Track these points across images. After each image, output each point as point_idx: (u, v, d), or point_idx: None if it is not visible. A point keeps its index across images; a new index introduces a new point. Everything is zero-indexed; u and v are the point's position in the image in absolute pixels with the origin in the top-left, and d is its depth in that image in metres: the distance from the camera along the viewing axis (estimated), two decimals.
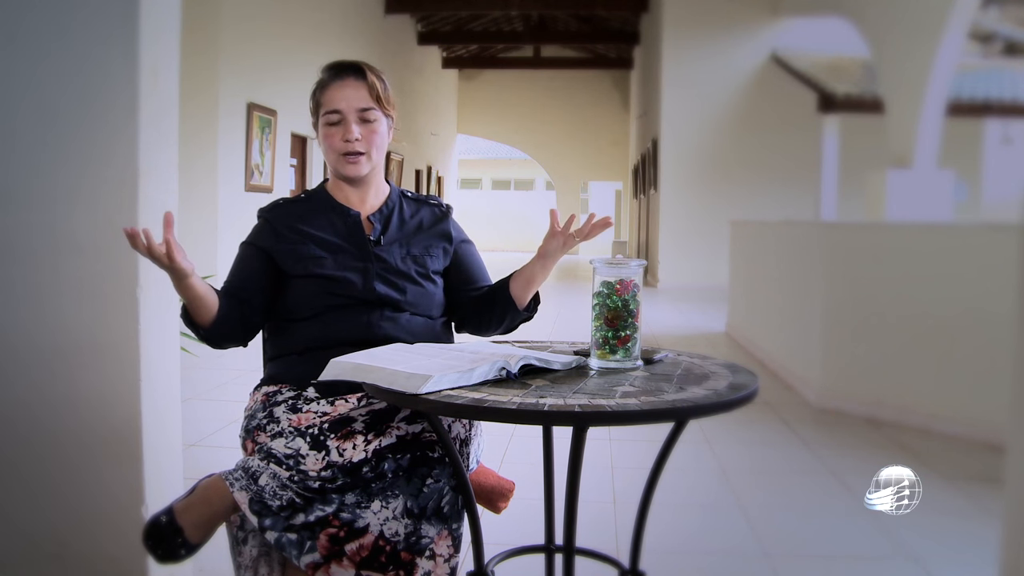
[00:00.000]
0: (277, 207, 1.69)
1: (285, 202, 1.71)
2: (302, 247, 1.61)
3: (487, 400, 1.19)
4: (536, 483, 1.76)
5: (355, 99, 1.63)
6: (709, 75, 11.94)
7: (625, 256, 1.44)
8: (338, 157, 1.64)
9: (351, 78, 1.64)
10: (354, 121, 1.63)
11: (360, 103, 1.63)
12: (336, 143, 1.63)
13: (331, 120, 1.63)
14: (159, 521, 1.35)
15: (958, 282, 3.70)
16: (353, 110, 1.63)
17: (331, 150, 1.64)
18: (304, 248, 1.61)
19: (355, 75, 1.65)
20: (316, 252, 1.61)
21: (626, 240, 19.29)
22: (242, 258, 1.65)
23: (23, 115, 1.78)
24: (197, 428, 3.45)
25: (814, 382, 4.31)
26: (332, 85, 1.65)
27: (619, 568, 1.62)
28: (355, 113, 1.63)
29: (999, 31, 11.28)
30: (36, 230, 1.79)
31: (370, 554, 1.32)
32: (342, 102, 1.63)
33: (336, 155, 1.64)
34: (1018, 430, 1.03)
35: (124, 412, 1.79)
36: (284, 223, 1.65)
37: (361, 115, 1.63)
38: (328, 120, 1.64)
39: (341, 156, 1.64)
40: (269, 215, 1.68)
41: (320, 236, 1.63)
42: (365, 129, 1.64)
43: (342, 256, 1.61)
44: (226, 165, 8.32)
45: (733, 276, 7.03)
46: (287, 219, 1.65)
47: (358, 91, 1.63)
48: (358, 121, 1.63)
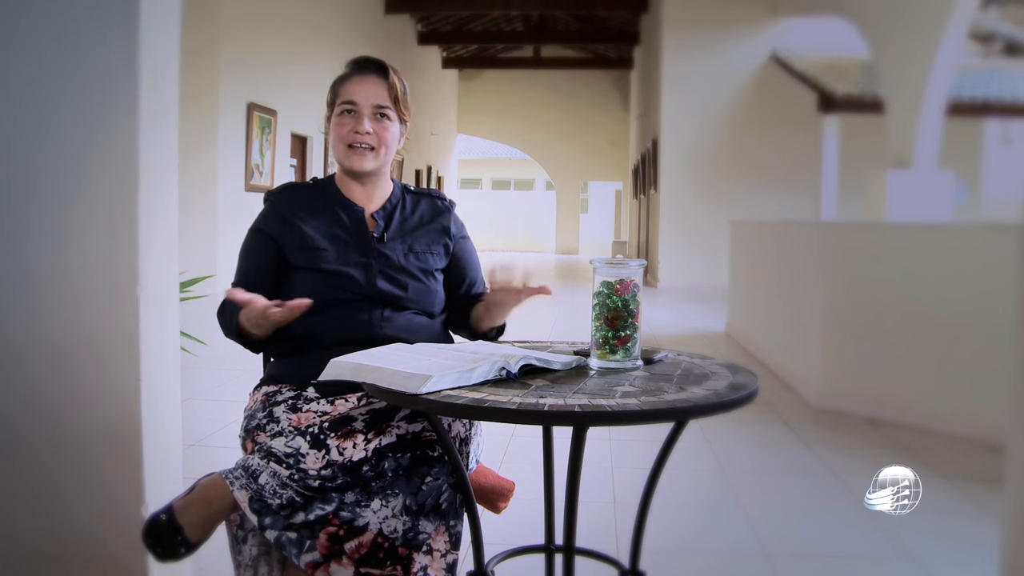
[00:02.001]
0: (285, 191, 1.69)
1: (293, 186, 1.71)
2: (306, 237, 1.61)
3: (487, 400, 1.19)
4: (536, 483, 1.76)
5: (373, 95, 1.63)
6: (709, 75, 11.94)
7: (625, 256, 1.44)
8: (345, 148, 1.64)
9: (373, 75, 1.64)
10: (368, 116, 1.62)
11: (377, 100, 1.63)
12: (344, 133, 1.63)
13: (345, 109, 1.63)
14: (159, 520, 1.35)
15: (958, 282, 3.70)
16: (369, 105, 1.62)
17: (339, 140, 1.64)
18: (308, 239, 1.61)
19: (377, 72, 1.65)
20: (319, 243, 1.61)
21: (626, 240, 19.29)
22: (252, 247, 1.65)
23: (23, 115, 1.78)
24: (197, 428, 3.45)
25: (814, 382, 4.31)
26: (353, 79, 1.64)
27: (619, 568, 1.62)
28: (370, 108, 1.63)
29: (999, 31, 11.28)
30: (36, 230, 1.78)
31: (368, 551, 1.32)
32: (359, 95, 1.62)
33: (343, 145, 1.64)
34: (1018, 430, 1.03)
35: (124, 412, 1.79)
36: (290, 209, 1.64)
37: (376, 111, 1.63)
38: (342, 110, 1.63)
39: (347, 147, 1.63)
40: (276, 199, 1.68)
41: (324, 228, 1.63)
42: (378, 126, 1.64)
43: (344, 250, 1.61)
44: (226, 165, 8.32)
45: (733, 276, 7.03)
46: (293, 205, 1.65)
47: (377, 88, 1.63)
48: (372, 117, 1.63)
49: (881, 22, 7.49)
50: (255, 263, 1.63)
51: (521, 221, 25.15)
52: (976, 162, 11.56)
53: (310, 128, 10.16)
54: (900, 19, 7.04)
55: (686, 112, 11.97)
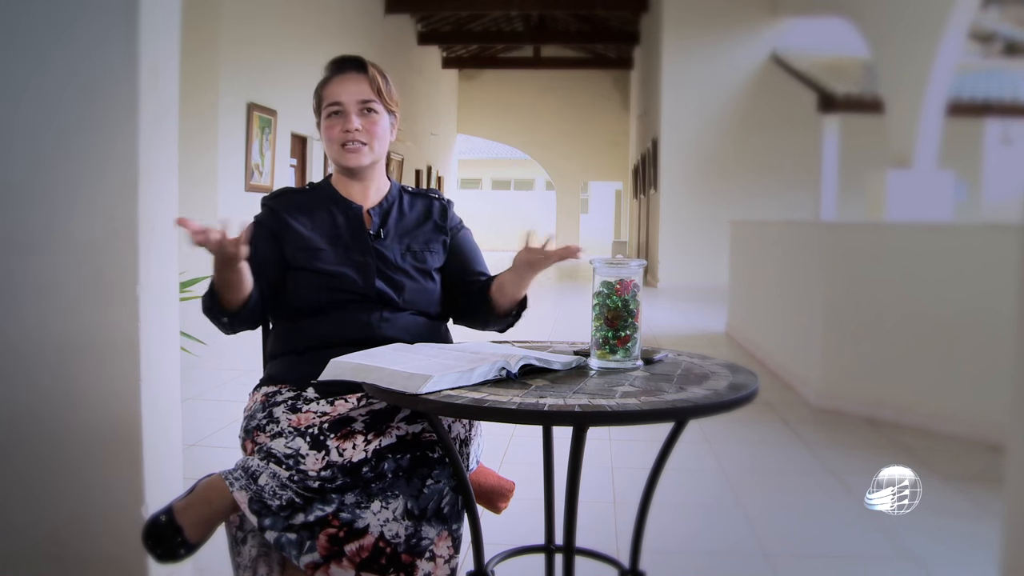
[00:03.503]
0: (282, 195, 1.69)
1: (289, 191, 1.71)
2: (304, 237, 1.61)
3: (487, 400, 1.19)
4: (536, 483, 1.76)
5: (356, 92, 1.63)
6: (709, 75, 11.94)
7: (625, 256, 1.44)
8: (338, 148, 1.64)
9: (352, 71, 1.65)
10: (355, 113, 1.63)
11: (361, 95, 1.63)
12: (336, 134, 1.63)
13: (332, 111, 1.64)
14: (159, 520, 1.35)
15: (958, 282, 3.70)
16: (354, 102, 1.63)
17: (331, 141, 1.64)
18: (305, 239, 1.61)
19: (356, 68, 1.65)
20: (317, 243, 1.61)
21: (626, 240, 19.29)
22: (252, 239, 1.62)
23: (23, 114, 1.78)
24: (197, 428, 3.44)
25: (814, 382, 4.31)
26: (333, 80, 1.65)
27: (619, 568, 1.61)
28: (356, 105, 1.63)
29: (999, 31, 11.28)
30: (36, 229, 1.78)
31: (370, 556, 1.32)
32: (343, 95, 1.63)
33: (336, 146, 1.64)
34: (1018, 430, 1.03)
35: (124, 412, 1.79)
36: (287, 210, 1.64)
37: (362, 107, 1.63)
38: (329, 112, 1.64)
39: (340, 147, 1.64)
40: (273, 203, 1.67)
41: (321, 228, 1.63)
42: (366, 121, 1.64)
43: (341, 249, 1.61)
44: (226, 165, 8.32)
45: (733, 276, 7.03)
46: (290, 206, 1.65)
47: (359, 84, 1.64)
48: (359, 113, 1.63)
49: (881, 22, 7.48)
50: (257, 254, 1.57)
51: (521, 221, 25.13)
52: (976, 162, 11.55)
53: (310, 128, 10.15)
54: (900, 19, 7.03)
55: (686, 112, 11.97)
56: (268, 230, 1.62)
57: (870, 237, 4.36)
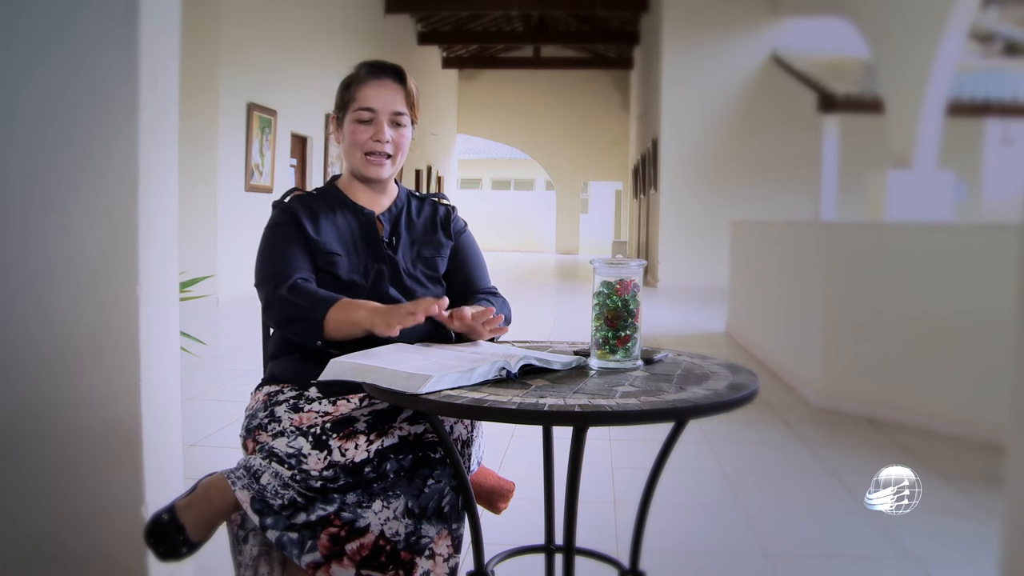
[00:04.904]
0: (296, 197, 1.66)
1: (300, 193, 1.67)
2: (319, 241, 1.59)
3: (487, 400, 1.19)
4: (536, 483, 1.76)
5: (392, 101, 1.62)
6: (709, 75, 11.94)
7: (625, 256, 1.44)
8: (361, 156, 1.63)
9: (391, 80, 1.64)
10: (387, 123, 1.62)
11: (395, 106, 1.63)
12: (363, 140, 1.62)
13: (362, 117, 1.62)
14: (161, 519, 1.35)
15: (958, 282, 3.70)
16: (388, 111, 1.62)
17: (356, 146, 1.63)
18: (321, 243, 1.59)
19: (395, 78, 1.64)
20: (333, 248, 1.60)
21: (626, 240, 19.30)
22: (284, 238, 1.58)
23: (22, 115, 1.78)
24: (197, 428, 3.44)
25: (814, 382, 4.31)
26: (370, 83, 1.63)
27: (619, 568, 1.62)
28: (389, 115, 1.62)
29: (999, 31, 11.28)
30: (36, 229, 1.78)
31: (370, 553, 1.32)
32: (378, 101, 1.62)
33: (360, 153, 1.63)
34: (1018, 430, 1.03)
35: (124, 412, 1.79)
36: (300, 212, 1.62)
37: (394, 118, 1.63)
38: (359, 117, 1.62)
39: (365, 155, 1.63)
40: (285, 205, 1.64)
41: (335, 233, 1.62)
42: (396, 133, 1.64)
43: (356, 257, 1.61)
44: (226, 165, 8.32)
45: (733, 276, 7.03)
46: (303, 209, 1.62)
47: (395, 94, 1.63)
48: (390, 124, 1.63)
49: (881, 22, 7.49)
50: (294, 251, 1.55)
51: (521, 221, 25.15)
52: (976, 162, 11.56)
53: (310, 128, 10.16)
54: (900, 19, 7.04)
55: (686, 112, 11.97)
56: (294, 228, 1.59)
57: (870, 237, 4.36)
